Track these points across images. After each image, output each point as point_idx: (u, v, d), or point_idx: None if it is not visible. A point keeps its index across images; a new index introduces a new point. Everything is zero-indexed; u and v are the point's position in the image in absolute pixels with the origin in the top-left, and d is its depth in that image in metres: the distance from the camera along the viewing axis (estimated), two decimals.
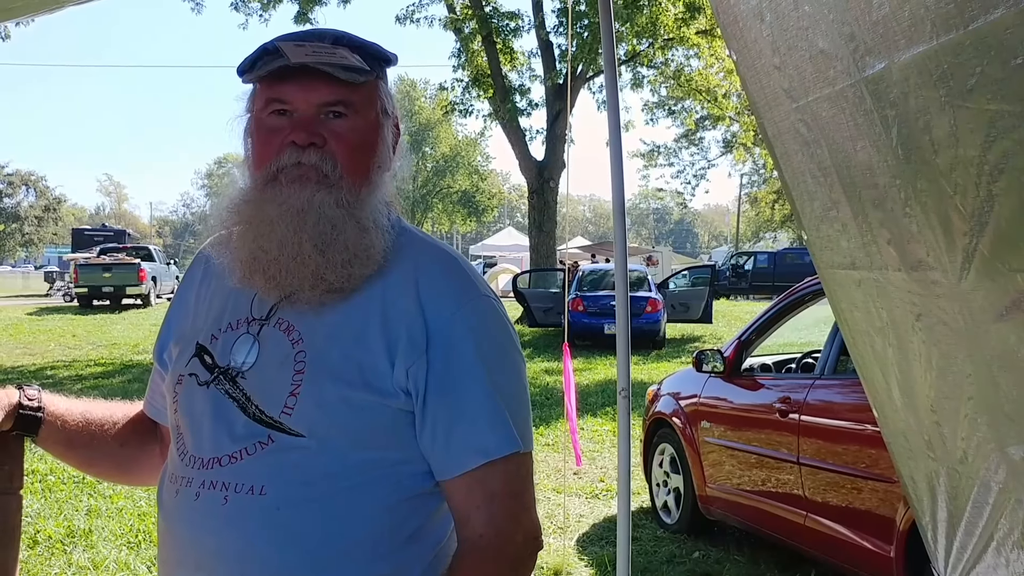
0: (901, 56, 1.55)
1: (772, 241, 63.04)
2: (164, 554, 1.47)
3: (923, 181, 1.68)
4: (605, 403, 11.01)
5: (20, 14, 2.74)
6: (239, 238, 1.42)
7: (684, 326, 20.47)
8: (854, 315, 2.27)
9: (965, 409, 1.92)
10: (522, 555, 1.43)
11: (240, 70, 1.45)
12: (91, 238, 38.89)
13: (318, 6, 21.28)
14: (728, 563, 5.72)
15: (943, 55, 1.44)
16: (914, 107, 1.59)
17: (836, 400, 4.95)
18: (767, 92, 2.13)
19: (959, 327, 1.80)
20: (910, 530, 4.04)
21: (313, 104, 1.40)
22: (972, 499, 2.03)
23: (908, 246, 1.83)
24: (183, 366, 1.49)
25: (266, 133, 1.42)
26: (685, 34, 21.20)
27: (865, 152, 1.83)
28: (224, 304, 1.50)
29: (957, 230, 1.63)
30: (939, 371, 1.95)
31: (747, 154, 36.21)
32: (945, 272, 1.73)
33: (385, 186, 1.48)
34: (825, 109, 1.90)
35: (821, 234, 2.21)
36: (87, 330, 20.39)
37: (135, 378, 13.25)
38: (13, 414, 1.53)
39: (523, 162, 22.34)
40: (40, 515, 6.42)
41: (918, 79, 1.53)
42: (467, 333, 1.40)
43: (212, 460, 1.39)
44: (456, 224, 60.28)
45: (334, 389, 1.36)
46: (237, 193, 1.46)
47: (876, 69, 1.64)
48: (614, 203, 3.35)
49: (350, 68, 1.39)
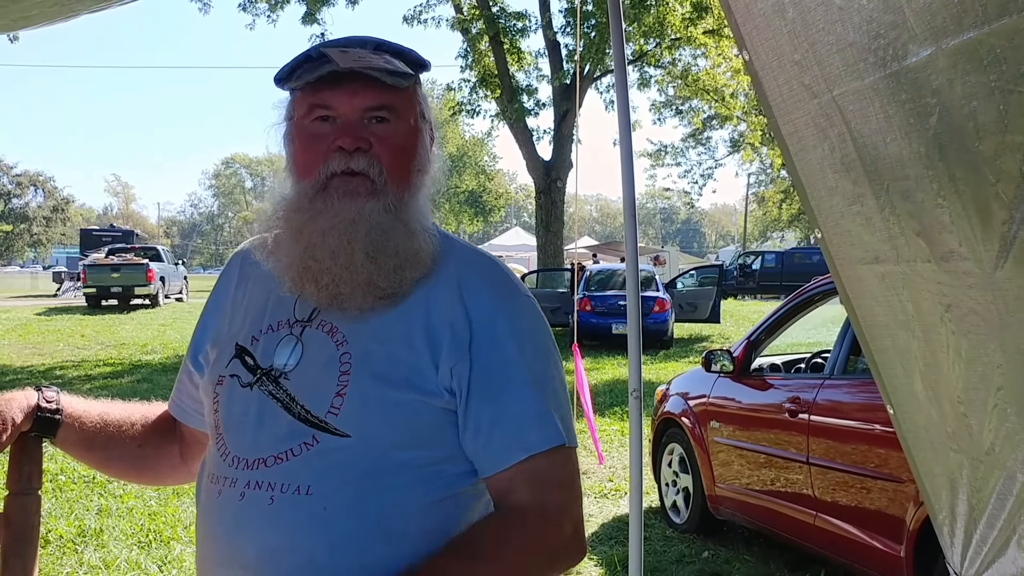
0: (950, 42, 1.54)
1: (779, 241, 62.96)
2: (204, 553, 1.48)
3: (961, 169, 1.67)
4: (614, 403, 11.01)
5: (37, 22, 2.76)
6: (288, 246, 1.44)
7: (692, 326, 20.47)
8: (874, 310, 2.27)
9: (994, 399, 1.91)
10: (567, 548, 1.41)
11: (279, 77, 1.46)
12: (99, 238, 38.99)
13: (325, 7, 21.29)
14: (737, 563, 5.72)
15: (995, 40, 1.44)
16: (960, 93, 1.58)
17: (846, 400, 4.94)
18: (784, 90, 2.14)
19: (991, 317, 1.80)
20: (920, 530, 4.04)
21: (358, 109, 1.42)
22: (996, 491, 2.03)
23: (939, 236, 1.83)
24: (223, 367, 1.50)
25: (311, 139, 1.44)
26: (692, 34, 21.19)
27: (895, 144, 1.83)
28: (264, 306, 1.51)
29: (996, 218, 1.63)
30: (967, 362, 1.95)
31: (754, 153, 36.22)
32: (979, 262, 1.73)
33: (425, 189, 1.50)
34: (852, 102, 1.90)
35: (841, 229, 2.21)
36: (96, 330, 20.45)
37: (144, 378, 13.29)
38: (32, 416, 1.55)
39: (530, 162, 22.33)
40: (51, 514, 6.44)
41: (967, 65, 1.53)
42: (509, 331, 1.43)
43: (257, 461, 1.40)
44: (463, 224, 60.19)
45: (379, 389, 1.37)
46: (284, 200, 1.48)
47: (920, 56, 1.64)
48: (625, 205, 3.34)
49: (396, 73, 1.41)
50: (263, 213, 1.53)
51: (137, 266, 26.67)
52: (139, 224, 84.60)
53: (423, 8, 22.96)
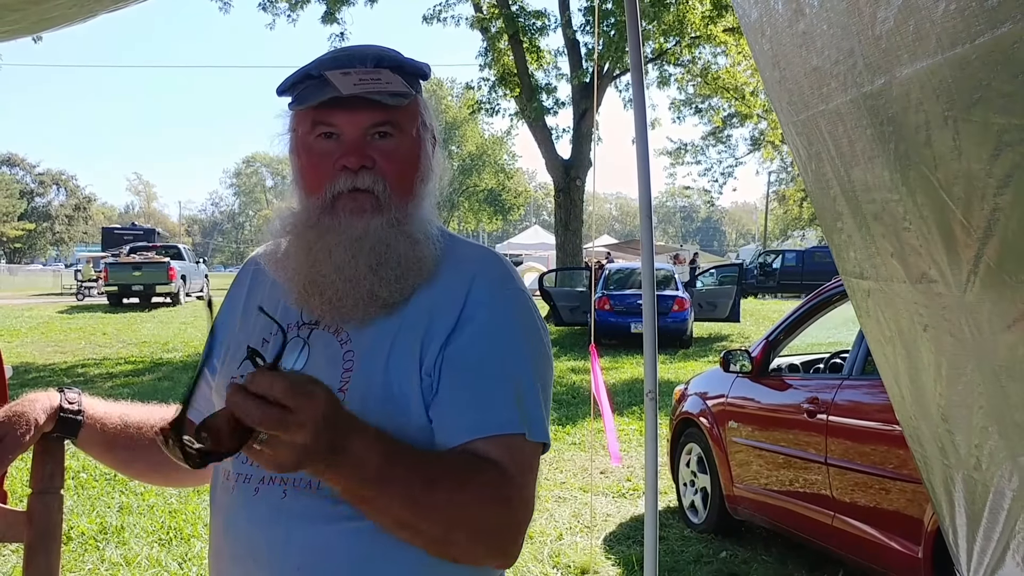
0: (903, 71, 1.55)
1: (800, 239, 62.65)
2: (218, 548, 1.51)
3: (923, 196, 1.68)
4: (632, 402, 11.00)
5: (58, 23, 2.80)
6: (296, 260, 1.47)
7: (711, 325, 20.39)
8: (867, 324, 2.28)
9: (976, 418, 1.91)
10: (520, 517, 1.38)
11: (280, 91, 1.49)
12: (121, 237, 39.30)
13: (345, 6, 21.38)
14: (755, 563, 5.71)
15: (948, 69, 1.44)
16: (914, 122, 1.59)
17: (864, 401, 4.93)
18: (782, 102, 2.15)
19: (966, 338, 1.80)
20: (938, 531, 4.03)
21: (360, 127, 1.45)
22: (989, 505, 2.03)
23: (910, 259, 1.84)
24: (235, 369, 1.53)
25: (316, 157, 1.46)
26: (712, 32, 21.14)
27: (861, 168, 1.84)
28: (274, 310, 1.54)
29: (960, 243, 1.63)
30: (948, 381, 1.95)
31: (775, 152, 36.05)
32: (948, 285, 1.73)
33: (429, 196, 1.53)
34: (823, 124, 1.91)
35: (834, 243, 2.23)
36: (117, 328, 20.61)
37: (165, 376, 13.39)
38: (54, 417, 1.58)
39: (549, 161, 22.35)
40: (73, 512, 6.51)
41: (919, 94, 1.53)
42: (490, 318, 1.44)
43: None
44: (482, 223, 60.32)
45: (379, 386, 1.40)
46: (293, 216, 1.50)
47: (875, 85, 1.64)
48: (641, 205, 3.35)
49: (396, 94, 1.43)
50: (272, 227, 1.56)
51: (158, 264, 26.87)
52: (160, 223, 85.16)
53: (442, 7, 23.05)
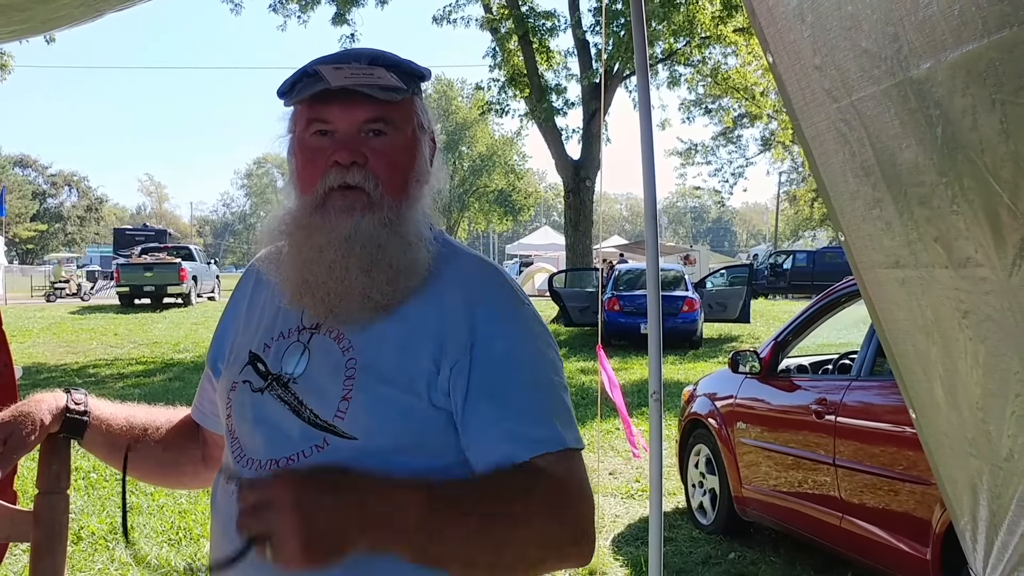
0: (948, 55, 1.55)
1: (811, 240, 62.48)
2: (218, 548, 1.51)
3: (969, 179, 1.68)
4: (641, 403, 10.97)
5: (65, 23, 2.82)
6: (289, 260, 1.48)
7: (721, 326, 20.36)
8: (895, 315, 2.27)
9: (1012, 406, 1.91)
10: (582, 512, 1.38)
11: (280, 92, 1.49)
12: (132, 238, 39.39)
13: (355, 7, 21.39)
14: (764, 564, 5.71)
15: (994, 53, 1.44)
16: (960, 106, 1.59)
17: (873, 402, 4.91)
18: (806, 93, 2.14)
19: (1008, 324, 1.80)
20: (946, 533, 4.02)
21: (354, 123, 1.45)
22: (1016, 497, 2.03)
23: (956, 243, 1.84)
24: (236, 373, 1.54)
25: (310, 153, 1.47)
26: (722, 32, 21.08)
27: (911, 150, 1.84)
28: (275, 314, 1.55)
29: (1007, 227, 1.64)
30: (986, 368, 1.95)
31: (786, 152, 35.94)
32: (994, 269, 1.73)
33: (425, 199, 1.52)
34: (870, 108, 1.91)
35: (863, 233, 2.22)
36: (128, 329, 20.68)
37: (176, 376, 13.43)
38: (60, 417, 1.60)
39: (559, 161, 22.32)
40: (83, 511, 6.54)
41: (966, 78, 1.54)
42: (511, 336, 1.44)
43: (270, 462, 1.44)
44: (492, 223, 60.34)
45: (383, 394, 1.40)
46: (286, 213, 1.51)
47: (921, 69, 1.65)
48: (646, 206, 3.35)
49: (388, 88, 1.43)
50: (267, 225, 1.57)
51: (170, 265, 26.95)
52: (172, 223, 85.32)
53: (452, 8, 23.06)
